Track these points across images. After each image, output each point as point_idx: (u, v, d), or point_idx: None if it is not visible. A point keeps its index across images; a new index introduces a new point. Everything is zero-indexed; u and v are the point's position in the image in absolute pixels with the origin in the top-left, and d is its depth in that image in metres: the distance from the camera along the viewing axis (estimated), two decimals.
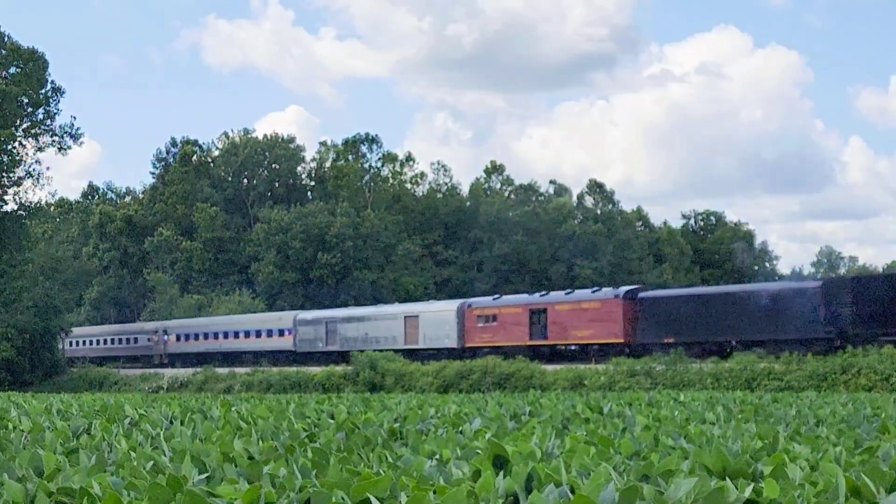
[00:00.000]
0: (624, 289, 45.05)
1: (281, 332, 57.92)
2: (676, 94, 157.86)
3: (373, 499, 3.81)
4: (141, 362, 66.73)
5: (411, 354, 48.38)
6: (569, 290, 50.62)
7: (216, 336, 62.52)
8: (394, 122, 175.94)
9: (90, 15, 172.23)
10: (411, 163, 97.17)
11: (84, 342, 74.66)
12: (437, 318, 50.33)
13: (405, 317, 52.22)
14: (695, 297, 42.92)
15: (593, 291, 47.07)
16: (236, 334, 61.08)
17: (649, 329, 42.42)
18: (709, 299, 41.95)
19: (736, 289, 43.94)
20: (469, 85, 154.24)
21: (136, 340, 69.63)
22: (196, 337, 64.20)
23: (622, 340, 42.97)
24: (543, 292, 51.05)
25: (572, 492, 4.17)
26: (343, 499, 3.89)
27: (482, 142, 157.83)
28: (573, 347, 45.36)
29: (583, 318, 44.38)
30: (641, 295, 43.74)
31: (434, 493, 4.07)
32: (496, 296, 53.60)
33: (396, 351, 48.61)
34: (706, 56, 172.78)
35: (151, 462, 5.27)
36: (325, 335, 55.32)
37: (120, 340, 71.65)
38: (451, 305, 50.98)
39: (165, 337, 66.50)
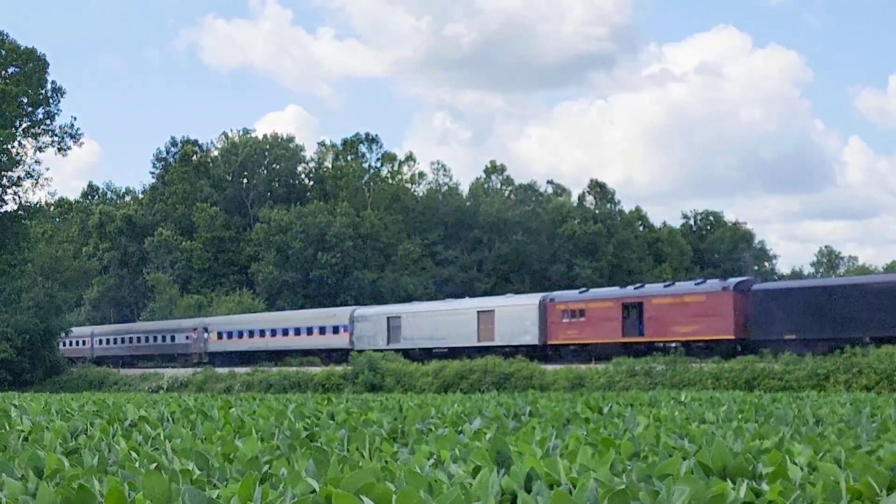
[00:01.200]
0: (734, 280, 42.08)
1: (335, 329, 54.77)
2: (676, 94, 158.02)
3: (367, 501, 3.81)
4: (178, 362, 63.57)
5: (485, 352, 45.56)
6: (668, 283, 47.72)
7: (262, 333, 59.39)
8: (393, 122, 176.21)
9: (88, 15, 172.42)
10: (412, 162, 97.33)
11: (112, 340, 71.76)
12: (515, 314, 47.19)
13: (479, 312, 49.03)
14: (820, 288, 39.35)
15: (697, 283, 43.70)
16: (285, 332, 58.03)
17: (765, 325, 38.92)
18: (838, 291, 38.23)
19: (872, 280, 41.10)
20: (468, 85, 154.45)
21: (172, 338, 66.10)
22: (240, 334, 60.91)
23: (732, 337, 39.78)
24: (638, 285, 47.77)
25: (571, 492, 4.17)
26: (343, 498, 3.89)
27: (481, 142, 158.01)
28: (673, 345, 41.74)
29: (685, 313, 41.09)
30: (756, 287, 40.75)
31: (431, 491, 4.07)
32: (583, 289, 50.65)
33: (468, 349, 46.69)
34: (705, 56, 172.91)
35: (154, 463, 5.27)
36: (388, 332, 52.14)
37: (154, 338, 68.06)
38: (532, 300, 47.85)
39: (206, 334, 63.10)
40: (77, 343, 73.32)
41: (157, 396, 23.22)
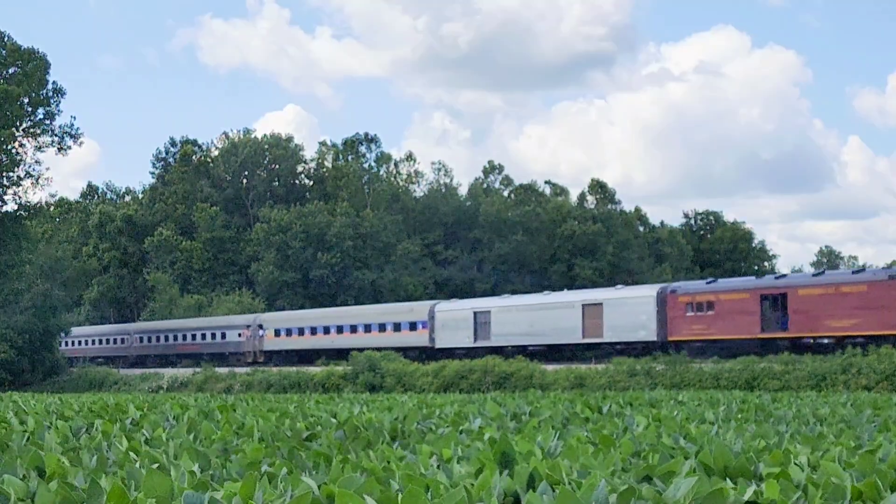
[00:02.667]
0: None
1: (412, 326, 51.24)
2: (674, 94, 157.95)
3: (370, 499, 3.82)
4: (229, 361, 59.94)
5: (592, 349, 42.54)
6: (818, 271, 43.60)
7: (326, 330, 55.74)
8: (391, 122, 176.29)
9: (86, 14, 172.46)
10: (411, 162, 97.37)
11: (153, 338, 68.50)
12: (628, 306, 42.99)
13: (584, 305, 44.58)
14: None
15: (855, 272, 40.27)
16: (353, 328, 54.43)
17: None
18: None
19: None
20: (466, 84, 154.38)
21: (222, 336, 62.52)
22: (300, 332, 57.43)
23: None
24: (779, 274, 43.79)
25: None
26: (344, 497, 3.90)
27: (480, 141, 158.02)
28: (826, 341, 37.78)
29: (842, 305, 36.95)
30: None
31: (432, 491, 4.07)
32: (710, 279, 46.50)
33: (571, 346, 43.60)
34: (704, 56, 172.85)
35: (155, 464, 5.28)
36: (475, 328, 48.20)
37: (202, 336, 64.34)
38: (648, 291, 43.90)
39: (261, 332, 59.61)
40: (115, 341, 71.32)
41: (157, 396, 23.22)
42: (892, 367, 30.88)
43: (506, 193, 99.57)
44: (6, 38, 58.86)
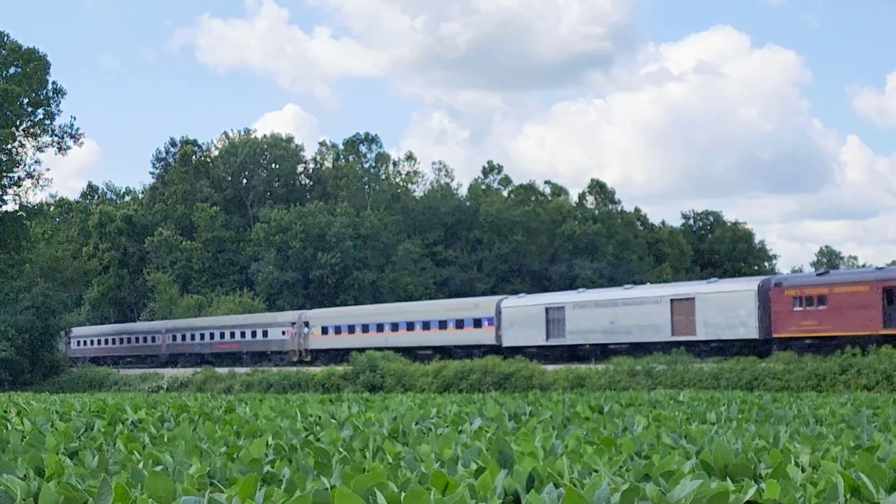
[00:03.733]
0: None
1: (477, 323, 47.81)
2: (674, 94, 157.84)
3: (378, 494, 3.82)
4: (272, 360, 56.97)
5: (683, 347, 39.18)
6: None
7: (379, 328, 52.43)
8: (391, 122, 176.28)
9: (84, 14, 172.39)
10: (412, 161, 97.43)
11: (189, 336, 65.06)
12: (724, 301, 39.88)
13: (673, 300, 41.33)
14: None
15: None
16: (409, 326, 51.11)
17: None
18: None
19: None
20: (465, 84, 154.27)
21: (265, 334, 59.32)
22: (351, 329, 54.12)
23: None
24: None
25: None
26: (345, 497, 3.91)
27: (479, 141, 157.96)
28: None
29: None
30: None
31: (434, 490, 4.08)
32: (820, 270, 43.82)
33: (659, 344, 40.38)
34: (703, 56, 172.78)
35: (159, 465, 5.28)
36: (547, 325, 44.93)
37: (243, 334, 60.89)
38: (748, 284, 40.88)
39: (306, 329, 56.36)
40: (146, 339, 68.85)
41: (157, 396, 23.23)
42: (892, 367, 30.89)
43: (505, 193, 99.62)
44: (6, 39, 58.87)
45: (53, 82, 59.55)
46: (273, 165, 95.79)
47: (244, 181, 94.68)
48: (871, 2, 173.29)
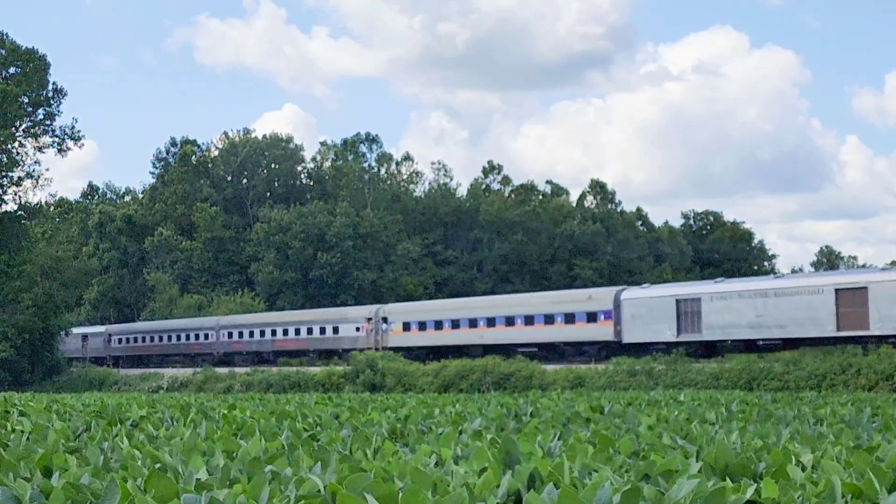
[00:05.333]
0: None
1: (591, 317, 43.28)
2: (673, 94, 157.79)
3: (371, 498, 3.83)
4: (344, 359, 51.44)
5: (851, 344, 35.13)
6: None
7: (473, 324, 47.90)
8: (389, 122, 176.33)
9: (83, 14, 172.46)
10: (409, 162, 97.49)
11: (247, 333, 60.66)
12: None
13: (839, 290, 36.32)
14: None
15: None
16: (509, 321, 46.42)
17: None
18: None
19: None
20: (463, 84, 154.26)
21: (335, 330, 55.03)
22: (438, 325, 49.54)
23: None
24: None
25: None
26: (345, 497, 3.91)
27: (478, 141, 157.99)
28: None
29: None
30: None
31: (435, 490, 4.09)
32: None
33: (821, 340, 36.25)
34: (702, 55, 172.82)
35: (158, 464, 5.29)
36: (678, 319, 40.51)
37: (310, 331, 56.52)
38: None
39: (385, 326, 52.36)
40: (198, 337, 63.92)
41: (157, 396, 23.24)
42: (892, 367, 30.88)
43: (505, 193, 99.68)
44: (6, 39, 58.86)
45: (53, 82, 59.60)
46: (273, 165, 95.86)
47: (244, 181, 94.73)
48: (871, 2, 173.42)
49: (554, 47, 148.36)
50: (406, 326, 51.14)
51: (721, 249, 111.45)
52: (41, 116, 59.51)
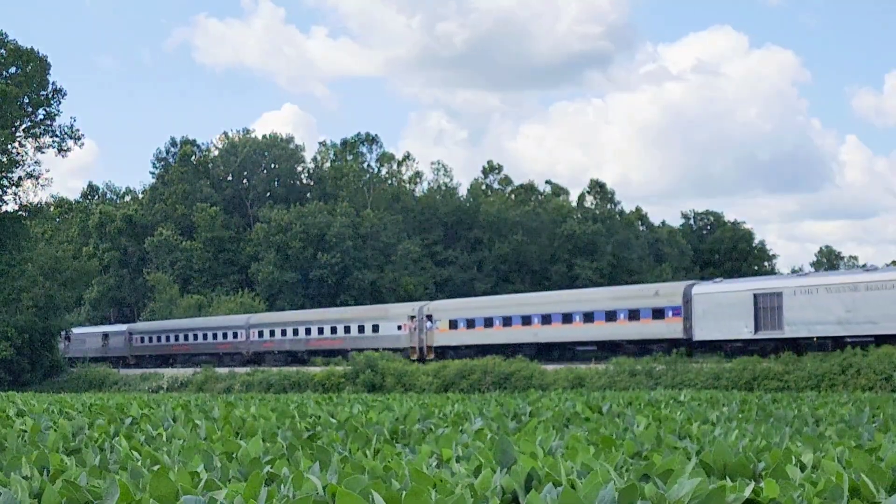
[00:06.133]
0: None
1: (658, 313, 40.99)
2: (672, 93, 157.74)
3: (377, 497, 3.83)
4: (385, 359, 49.21)
5: None
6: None
7: (527, 321, 45.44)
8: (389, 122, 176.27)
9: (82, 14, 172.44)
10: (409, 162, 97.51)
11: (272, 333, 58.55)
12: None
13: None
14: None
15: None
16: (567, 318, 43.96)
17: None
18: None
19: None
20: (462, 83, 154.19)
21: (375, 329, 52.47)
22: (488, 323, 47.10)
23: None
24: None
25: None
26: (345, 497, 3.91)
27: (477, 141, 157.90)
28: None
29: None
30: None
31: (435, 490, 4.09)
32: None
33: None
34: (702, 55, 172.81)
35: (157, 464, 5.29)
36: (755, 315, 37.97)
37: (347, 329, 53.92)
38: None
39: (430, 324, 49.84)
40: (226, 336, 61.36)
41: (157, 396, 23.24)
42: (891, 367, 30.87)
43: (505, 193, 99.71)
44: (6, 39, 58.88)
45: (53, 82, 59.62)
46: (273, 165, 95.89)
47: (244, 181, 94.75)
48: (870, 2, 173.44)
49: (553, 47, 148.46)
50: (453, 324, 48.65)
51: (721, 249, 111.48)
52: (41, 116, 59.54)
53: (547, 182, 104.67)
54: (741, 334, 38.29)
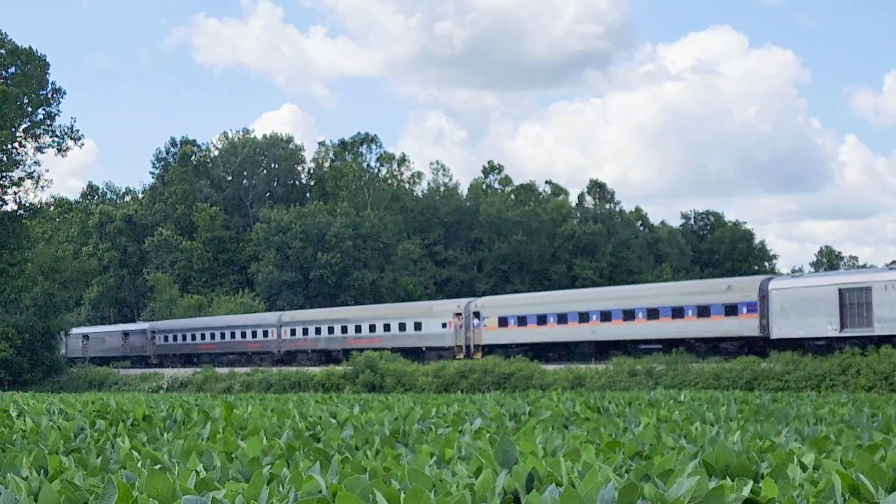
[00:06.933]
0: None
1: (730, 309, 38.49)
2: (672, 93, 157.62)
3: (378, 495, 3.83)
4: (428, 358, 47.30)
5: None
6: None
7: (584, 318, 43.12)
8: (388, 121, 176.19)
9: (80, 14, 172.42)
10: (407, 162, 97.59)
11: (305, 331, 56.11)
12: None
13: None
14: None
15: None
16: (628, 314, 41.63)
17: None
18: None
19: None
20: (461, 83, 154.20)
21: (418, 327, 50.22)
22: (541, 320, 44.75)
23: None
24: None
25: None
26: (345, 497, 3.91)
27: (476, 141, 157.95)
28: None
29: None
30: None
31: (435, 491, 4.09)
32: None
33: None
34: (701, 55, 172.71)
35: (158, 465, 5.29)
36: (841, 312, 35.38)
37: (387, 327, 51.72)
38: None
39: (477, 321, 47.54)
40: (256, 334, 59.06)
41: (157, 396, 23.24)
42: (891, 367, 30.89)
43: (505, 193, 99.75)
44: (5, 39, 58.87)
45: (53, 82, 59.62)
46: (273, 165, 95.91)
47: (244, 181, 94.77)
48: (869, 2, 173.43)
49: (552, 47, 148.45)
50: (502, 321, 46.35)
51: (721, 249, 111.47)
52: (41, 116, 59.53)
53: (547, 182, 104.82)
54: (825, 332, 35.89)
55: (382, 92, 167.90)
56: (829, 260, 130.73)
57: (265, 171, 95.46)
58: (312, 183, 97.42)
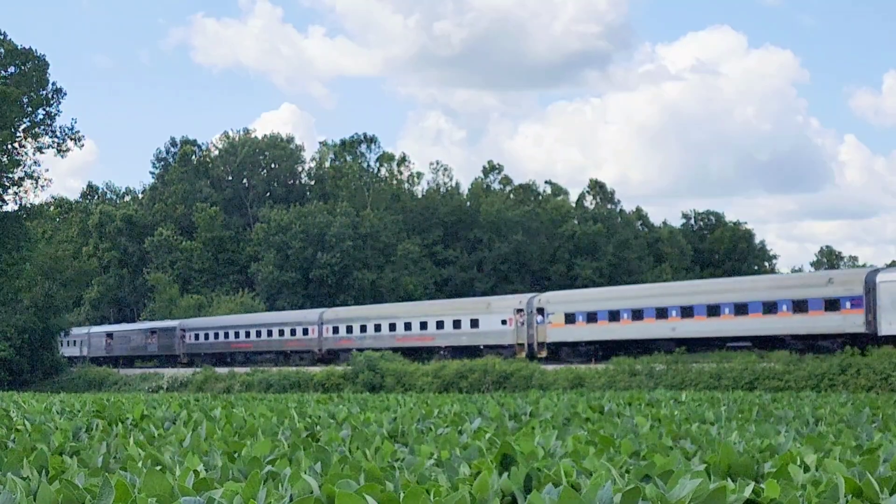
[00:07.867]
0: None
1: (831, 304, 35.63)
2: (671, 93, 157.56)
3: (370, 499, 3.82)
4: (483, 356, 43.60)
5: None
6: None
7: (662, 314, 40.25)
8: (387, 121, 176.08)
9: (79, 14, 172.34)
10: (407, 162, 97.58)
11: (349, 329, 53.55)
12: None
13: None
14: None
15: None
16: (713, 310, 38.66)
17: None
18: None
19: None
20: (460, 83, 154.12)
21: (475, 324, 47.31)
22: (614, 316, 41.99)
23: None
24: None
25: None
26: (345, 497, 3.91)
27: (475, 141, 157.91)
28: None
29: None
30: None
31: (432, 492, 4.08)
32: None
33: None
34: (700, 55, 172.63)
35: (158, 465, 5.28)
36: None
37: (440, 325, 48.78)
38: None
39: (541, 318, 44.73)
40: (295, 332, 56.35)
41: (157, 396, 23.24)
42: (891, 367, 30.88)
43: (505, 193, 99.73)
44: (5, 39, 58.86)
45: (53, 82, 59.60)
46: (273, 165, 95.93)
47: (244, 181, 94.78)
48: (869, 2, 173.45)
49: (551, 46, 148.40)
50: (569, 318, 43.48)
51: (721, 249, 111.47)
52: (41, 116, 59.52)
53: (547, 182, 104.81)
54: None
55: (382, 92, 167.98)
56: (829, 260, 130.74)
57: (265, 171, 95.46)
58: (312, 183, 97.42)
